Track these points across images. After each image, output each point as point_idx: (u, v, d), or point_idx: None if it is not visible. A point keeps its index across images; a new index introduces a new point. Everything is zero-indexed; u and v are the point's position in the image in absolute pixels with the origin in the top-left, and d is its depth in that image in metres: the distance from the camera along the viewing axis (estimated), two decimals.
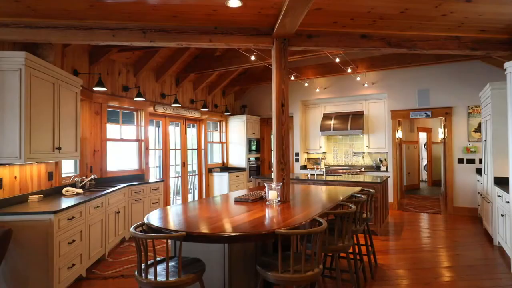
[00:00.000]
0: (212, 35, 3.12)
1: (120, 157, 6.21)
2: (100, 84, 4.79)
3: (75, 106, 4.09)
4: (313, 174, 6.51)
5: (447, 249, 4.53)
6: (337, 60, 5.45)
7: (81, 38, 3.03)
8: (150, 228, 2.21)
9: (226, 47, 3.25)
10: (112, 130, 5.98)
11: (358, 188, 4.22)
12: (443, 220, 6.34)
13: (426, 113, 7.06)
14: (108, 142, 5.73)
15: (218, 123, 8.86)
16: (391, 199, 7.29)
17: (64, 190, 4.08)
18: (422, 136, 12.02)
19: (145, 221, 2.30)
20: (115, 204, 4.66)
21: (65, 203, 3.45)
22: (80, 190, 4.21)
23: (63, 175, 4.64)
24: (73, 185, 4.53)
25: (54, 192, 4.11)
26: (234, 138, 8.77)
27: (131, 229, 2.04)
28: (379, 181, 5.33)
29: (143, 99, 5.96)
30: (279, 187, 3.02)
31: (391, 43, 3.32)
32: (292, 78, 7.27)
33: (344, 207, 3.10)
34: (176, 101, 6.70)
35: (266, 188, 2.98)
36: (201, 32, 3.11)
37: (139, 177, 6.21)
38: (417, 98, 7.14)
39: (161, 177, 6.94)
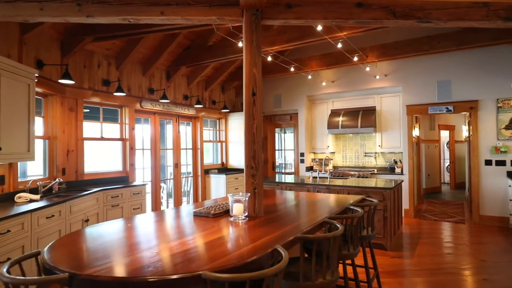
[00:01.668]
0: (165, 6, 2.48)
1: (102, 157, 5.70)
2: (66, 76, 4.25)
3: (27, 101, 3.55)
4: (316, 177, 5.78)
5: (473, 271, 3.72)
6: (339, 45, 4.70)
7: (2, 13, 2.46)
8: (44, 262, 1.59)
9: (184, 22, 2.60)
10: (93, 128, 5.47)
11: (360, 197, 3.48)
12: (468, 231, 5.46)
13: (447, 108, 6.17)
14: (86, 142, 5.22)
15: (217, 121, 8.25)
16: (406, 205, 6.45)
17: (16, 196, 3.56)
18: (444, 135, 10.99)
19: (44, 250, 1.68)
20: (82, 211, 4.12)
21: (3, 213, 2.90)
22: (36, 196, 3.68)
23: (28, 178, 4.16)
24: (34, 190, 4.01)
25: (4, 199, 3.59)
26: (234, 136, 8.14)
27: (3, 268, 1.42)
28: (390, 186, 4.55)
29: (124, 94, 5.40)
30: (247, 198, 2.35)
31: (397, 13, 2.57)
32: (292, 69, 6.54)
33: (332, 226, 2.39)
34: (164, 97, 6.12)
35: (230, 199, 2.32)
36: (150, 3, 2.48)
37: (122, 179, 5.68)
38: (437, 91, 6.26)
39: (151, 179, 6.38)
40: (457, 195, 9.21)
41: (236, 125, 8.09)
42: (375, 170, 7.13)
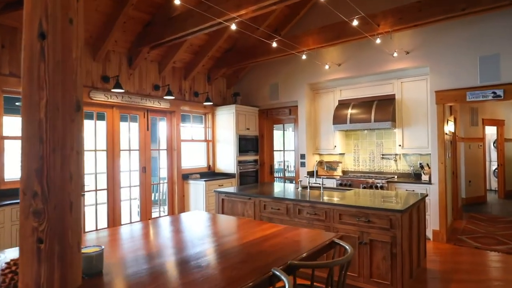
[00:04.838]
0: None
1: None
2: None
3: None
4: (306, 187, 4.32)
5: None
6: None
7: None
8: None
9: None
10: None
11: (326, 238, 2.03)
12: None
13: (494, 93, 4.44)
14: (8, 141, 4.15)
15: (203, 116, 6.97)
16: (435, 225, 4.79)
17: None
18: (491, 132, 8.95)
19: None
20: None
21: None
22: None
23: None
24: None
25: None
26: (222, 135, 6.82)
27: None
28: (402, 208, 3.01)
29: None
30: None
31: None
32: (275, 44, 5.08)
33: None
34: (118, 85, 4.92)
35: None
36: None
37: None
38: (479, 70, 4.55)
39: (106, 187, 5.23)
40: (507, 208, 7.25)
41: (224, 121, 6.76)
42: (395, 176, 5.51)
